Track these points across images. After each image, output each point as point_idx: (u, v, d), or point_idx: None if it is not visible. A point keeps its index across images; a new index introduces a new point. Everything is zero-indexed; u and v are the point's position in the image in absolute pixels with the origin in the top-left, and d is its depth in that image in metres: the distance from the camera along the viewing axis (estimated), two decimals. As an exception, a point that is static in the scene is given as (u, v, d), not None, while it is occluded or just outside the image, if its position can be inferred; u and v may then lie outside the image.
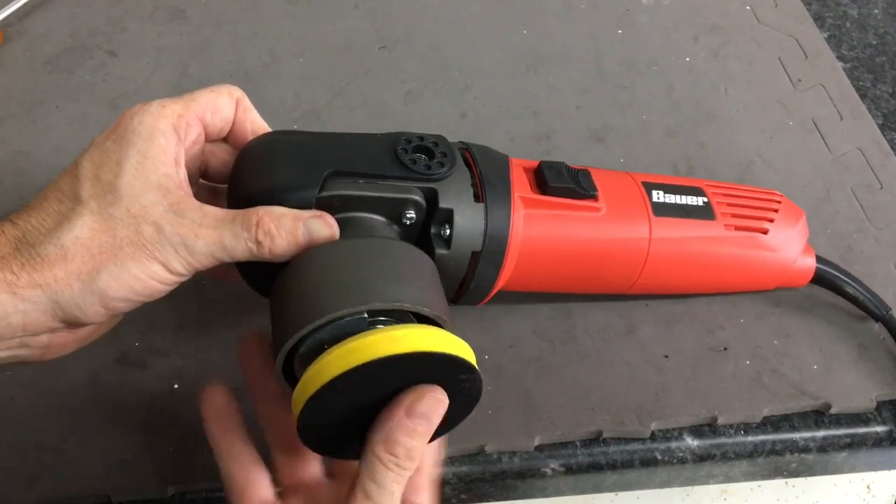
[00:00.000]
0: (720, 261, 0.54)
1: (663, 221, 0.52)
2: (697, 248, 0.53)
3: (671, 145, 0.67)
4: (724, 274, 0.55)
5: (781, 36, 0.76)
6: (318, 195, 0.42)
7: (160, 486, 0.49)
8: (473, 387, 0.41)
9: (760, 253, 0.55)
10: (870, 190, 0.65)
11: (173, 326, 0.55)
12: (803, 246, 0.56)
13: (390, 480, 0.39)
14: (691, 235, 0.53)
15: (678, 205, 0.53)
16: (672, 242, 0.52)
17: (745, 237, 0.54)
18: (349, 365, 0.37)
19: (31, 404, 0.51)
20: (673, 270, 0.54)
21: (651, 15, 0.77)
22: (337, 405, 0.39)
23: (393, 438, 0.39)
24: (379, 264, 0.41)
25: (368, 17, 0.75)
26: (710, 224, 0.53)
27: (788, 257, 0.56)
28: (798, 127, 0.69)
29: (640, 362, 0.55)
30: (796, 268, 0.56)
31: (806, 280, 0.57)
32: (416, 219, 0.45)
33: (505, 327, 0.56)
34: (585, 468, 0.52)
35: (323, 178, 0.42)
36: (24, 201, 0.61)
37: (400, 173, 0.44)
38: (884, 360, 0.56)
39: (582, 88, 0.71)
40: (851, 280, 0.57)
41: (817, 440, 0.54)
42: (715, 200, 0.54)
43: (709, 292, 0.58)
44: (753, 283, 0.57)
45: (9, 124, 0.65)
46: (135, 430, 0.51)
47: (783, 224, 0.55)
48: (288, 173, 0.43)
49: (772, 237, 0.55)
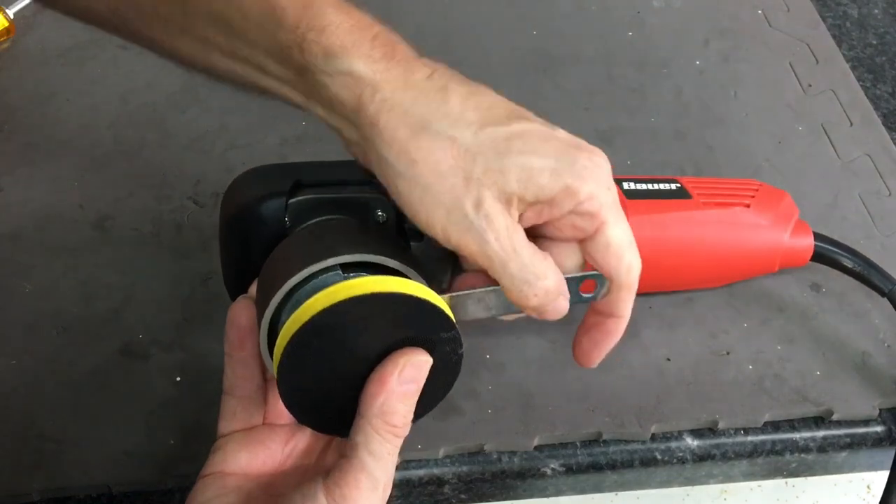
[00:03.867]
0: (705, 240, 0.54)
1: (636, 203, 0.53)
2: (678, 228, 0.53)
3: (679, 148, 0.67)
4: (712, 256, 0.55)
5: (793, 41, 0.76)
6: (289, 202, 0.45)
7: (161, 478, 0.49)
8: (454, 351, 0.41)
9: (746, 230, 0.54)
10: (878, 196, 0.65)
11: (177, 319, 0.55)
12: (793, 222, 0.56)
13: (387, 451, 0.39)
14: (668, 214, 0.53)
15: (650, 189, 0.54)
16: (649, 224, 0.53)
17: (725, 213, 0.54)
18: (323, 306, 0.38)
19: (34, 394, 0.52)
20: (657, 254, 0.53)
21: (662, 17, 0.77)
22: (316, 364, 0.39)
23: (389, 408, 0.39)
24: (350, 231, 0.43)
25: (378, 14, 0.75)
26: (687, 202, 0.54)
27: (778, 233, 0.55)
28: (807, 132, 0.69)
29: (641, 365, 0.55)
30: (789, 245, 0.56)
31: (806, 258, 0.57)
32: (388, 217, 0.46)
33: (507, 327, 0.56)
34: (585, 468, 0.52)
35: (290, 185, 0.45)
36: (34, 193, 0.62)
37: (364, 177, 0.45)
38: (887, 368, 0.56)
39: (591, 90, 0.71)
40: (853, 255, 0.57)
41: (817, 440, 0.54)
42: (689, 185, 0.55)
43: (706, 281, 0.57)
44: (747, 264, 0.56)
45: (20, 117, 0.66)
46: (136, 421, 0.51)
47: (764, 200, 0.55)
48: (259, 188, 0.46)
49: (754, 211, 0.54)
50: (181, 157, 0.64)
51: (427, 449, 0.51)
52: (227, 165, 0.64)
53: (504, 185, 0.40)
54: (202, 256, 0.58)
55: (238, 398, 0.44)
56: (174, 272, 0.58)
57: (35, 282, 0.57)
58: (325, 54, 0.39)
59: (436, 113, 0.40)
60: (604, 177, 0.42)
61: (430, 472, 0.51)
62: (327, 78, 0.40)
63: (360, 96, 0.40)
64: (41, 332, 0.54)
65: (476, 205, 0.40)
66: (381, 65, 0.40)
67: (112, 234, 0.60)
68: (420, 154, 0.40)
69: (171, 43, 0.42)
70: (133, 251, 0.59)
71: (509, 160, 0.40)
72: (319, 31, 0.39)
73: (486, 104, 0.41)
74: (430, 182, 0.40)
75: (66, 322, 0.55)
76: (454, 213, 0.40)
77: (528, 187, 0.40)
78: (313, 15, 0.39)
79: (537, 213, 0.42)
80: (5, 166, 0.63)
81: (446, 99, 0.41)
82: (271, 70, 0.41)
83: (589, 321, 0.46)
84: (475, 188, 0.40)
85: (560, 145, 0.42)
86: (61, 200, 0.61)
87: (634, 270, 0.44)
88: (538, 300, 0.42)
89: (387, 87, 0.40)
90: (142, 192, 0.62)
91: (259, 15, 0.39)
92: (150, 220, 0.60)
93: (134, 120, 0.66)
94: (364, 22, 0.41)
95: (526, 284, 0.41)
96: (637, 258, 0.44)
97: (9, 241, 0.59)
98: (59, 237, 0.59)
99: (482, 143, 0.40)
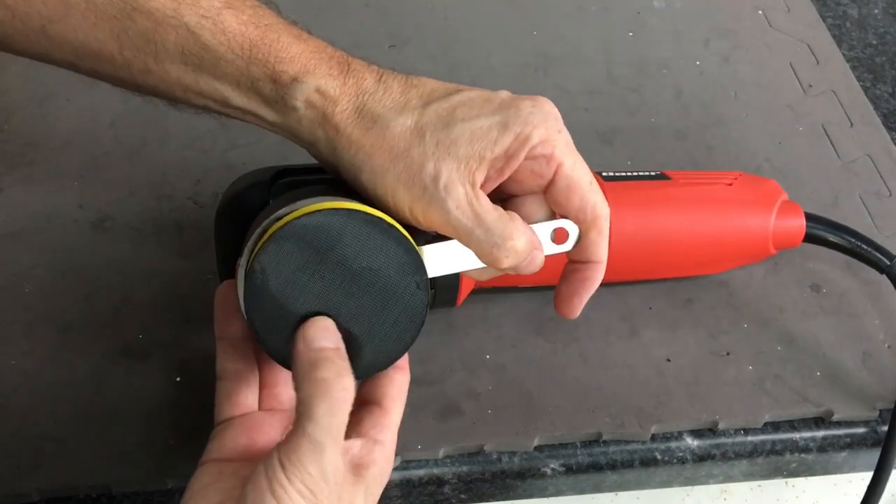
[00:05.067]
0: (686, 219, 0.55)
1: (614, 185, 0.54)
2: (658, 209, 0.54)
3: (679, 148, 0.67)
4: (696, 235, 0.55)
5: (793, 41, 0.76)
6: (272, 186, 0.47)
7: (160, 478, 0.49)
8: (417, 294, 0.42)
9: (727, 206, 0.55)
10: (878, 197, 0.65)
11: (177, 319, 0.55)
12: (779, 202, 0.56)
13: (322, 413, 0.38)
14: (647, 192, 0.54)
15: (629, 175, 0.55)
16: (628, 203, 0.53)
17: (705, 189, 0.55)
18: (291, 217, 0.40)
19: (34, 394, 0.52)
20: (639, 237, 0.54)
21: (662, 18, 0.77)
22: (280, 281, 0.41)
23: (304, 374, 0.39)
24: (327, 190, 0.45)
25: (379, 15, 0.75)
26: (666, 182, 0.55)
27: (762, 211, 0.55)
28: (808, 132, 0.69)
29: (641, 365, 0.55)
30: (778, 225, 0.56)
31: (798, 239, 0.57)
32: None
33: (507, 327, 0.56)
34: (585, 468, 0.52)
35: (272, 174, 0.47)
36: (34, 194, 0.62)
37: None
38: (888, 369, 0.56)
39: (591, 90, 0.71)
40: (847, 233, 0.57)
41: (817, 440, 0.54)
42: (670, 173, 0.56)
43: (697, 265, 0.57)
44: (735, 245, 0.56)
45: (20, 116, 0.66)
46: (136, 421, 0.51)
47: (746, 182, 0.56)
48: (244, 181, 0.49)
49: (735, 189, 0.55)
50: (181, 156, 0.64)
51: (427, 449, 0.51)
52: (228, 165, 0.63)
53: (457, 152, 0.42)
54: (202, 256, 0.58)
55: (232, 381, 0.45)
56: (174, 272, 0.58)
57: (35, 282, 0.57)
58: (293, 80, 0.42)
59: (383, 106, 0.43)
60: (552, 120, 0.43)
61: (430, 472, 0.51)
62: (296, 101, 0.43)
63: (324, 112, 0.43)
64: (41, 332, 0.54)
65: (434, 178, 0.42)
66: (339, 80, 0.43)
67: (112, 234, 0.60)
68: (374, 145, 0.42)
69: (133, 80, 0.44)
70: (133, 251, 0.59)
71: (456, 128, 0.42)
72: (288, 61, 0.42)
73: (428, 89, 0.44)
74: (388, 167, 0.42)
75: (66, 322, 0.55)
76: (415, 189, 0.42)
77: (481, 147, 0.42)
78: (280, 48, 0.42)
79: (498, 171, 0.43)
80: (5, 166, 0.63)
81: (391, 93, 0.43)
82: (235, 100, 0.44)
83: (567, 269, 0.47)
84: (431, 162, 0.42)
85: (503, 101, 0.43)
86: (61, 200, 0.61)
87: (599, 208, 0.45)
88: (510, 261, 0.43)
89: (344, 98, 0.43)
90: (142, 192, 0.62)
91: (229, 53, 0.42)
92: (150, 220, 0.60)
93: (134, 120, 0.66)
94: (320, 45, 0.44)
95: (495, 247, 0.43)
96: (601, 196, 0.45)
97: (9, 241, 0.59)
98: (59, 237, 0.59)
99: (429, 120, 0.42)
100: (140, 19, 0.41)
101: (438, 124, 0.42)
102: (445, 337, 0.55)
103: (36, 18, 0.42)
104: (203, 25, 0.41)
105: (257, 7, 0.43)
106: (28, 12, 0.41)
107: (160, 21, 0.41)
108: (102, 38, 0.42)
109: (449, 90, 0.44)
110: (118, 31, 0.42)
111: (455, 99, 0.43)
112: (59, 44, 0.43)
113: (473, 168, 0.42)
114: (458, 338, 0.55)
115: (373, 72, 0.44)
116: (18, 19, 0.42)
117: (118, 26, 0.42)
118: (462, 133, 0.42)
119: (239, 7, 0.42)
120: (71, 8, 0.41)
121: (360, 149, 0.42)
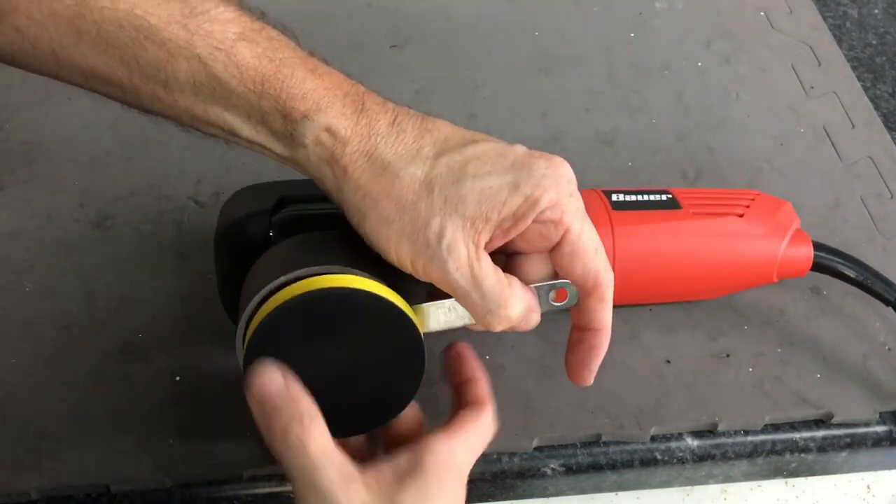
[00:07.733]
0: (694, 252, 0.54)
1: (623, 214, 0.52)
2: (666, 240, 0.53)
3: (680, 150, 0.67)
4: (702, 268, 0.54)
5: (795, 42, 0.76)
6: (273, 218, 0.47)
7: (159, 477, 0.49)
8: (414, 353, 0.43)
9: (738, 241, 0.54)
10: (880, 199, 0.65)
11: (177, 319, 0.55)
12: (791, 232, 0.55)
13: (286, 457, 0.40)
14: (656, 225, 0.53)
15: (638, 200, 0.54)
16: (636, 235, 0.52)
17: (715, 223, 0.54)
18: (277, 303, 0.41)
19: (33, 393, 0.52)
20: (645, 266, 0.53)
21: (664, 19, 0.77)
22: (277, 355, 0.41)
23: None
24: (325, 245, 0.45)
25: (381, 15, 0.75)
26: (676, 213, 0.53)
27: (773, 244, 0.54)
28: (809, 134, 0.69)
29: (641, 367, 0.55)
30: (786, 256, 0.55)
31: (805, 269, 0.56)
32: None
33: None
34: (585, 468, 0.52)
35: (274, 202, 0.47)
36: (35, 193, 0.62)
37: None
38: (888, 371, 0.55)
39: (592, 91, 0.71)
40: (855, 265, 0.56)
41: (817, 440, 0.54)
42: (681, 196, 0.54)
43: (698, 293, 0.57)
44: (740, 276, 0.55)
45: (20, 115, 0.66)
46: (135, 421, 0.51)
47: (760, 209, 0.54)
48: (244, 206, 0.48)
49: (747, 221, 0.54)
50: (181, 156, 0.64)
51: (426, 450, 0.51)
52: (228, 165, 0.64)
53: (465, 211, 0.41)
54: (202, 256, 0.57)
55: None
56: (174, 272, 0.58)
57: (35, 281, 0.57)
58: (304, 118, 0.41)
59: (394, 153, 0.42)
60: (564, 183, 0.42)
61: (430, 473, 0.51)
62: (305, 139, 0.42)
63: (333, 152, 0.42)
64: (41, 332, 0.54)
65: (438, 235, 0.41)
66: (351, 120, 0.42)
67: (112, 233, 0.60)
68: (382, 193, 0.41)
69: (142, 105, 0.44)
70: (133, 251, 0.59)
71: (466, 185, 0.41)
72: (300, 98, 0.41)
73: (442, 136, 0.43)
74: (394, 218, 0.41)
75: (66, 322, 0.55)
76: (418, 244, 0.41)
77: (489, 208, 0.41)
78: (293, 84, 0.41)
79: (505, 231, 0.42)
80: (5, 166, 0.63)
81: (403, 138, 0.42)
82: (244, 132, 0.43)
83: (573, 338, 0.47)
84: (437, 218, 0.41)
85: (517, 159, 0.42)
86: (62, 200, 0.61)
87: (601, 276, 0.44)
88: (503, 327, 0.43)
89: (355, 139, 0.42)
90: (142, 191, 0.62)
91: (240, 86, 0.41)
92: (150, 220, 0.60)
93: (134, 119, 0.65)
94: (336, 80, 0.43)
95: (489, 313, 0.43)
96: (605, 265, 0.44)
97: (9, 241, 0.59)
98: (59, 237, 0.59)
99: (439, 173, 0.41)
100: (152, 49, 0.41)
101: (449, 179, 0.41)
102: (445, 337, 0.55)
103: (46, 42, 0.41)
104: (216, 57, 0.41)
105: (273, 38, 0.42)
106: (38, 35, 0.41)
107: (172, 52, 0.41)
108: (113, 64, 0.41)
109: (464, 140, 0.43)
110: (129, 59, 0.41)
111: (468, 152, 0.42)
112: (68, 67, 0.42)
113: (479, 228, 0.41)
114: (458, 338, 0.55)
115: (387, 112, 0.43)
116: (28, 42, 0.41)
117: (129, 54, 0.41)
118: (471, 191, 0.41)
119: (254, 39, 0.41)
120: (82, 34, 0.40)
121: (367, 194, 0.42)
